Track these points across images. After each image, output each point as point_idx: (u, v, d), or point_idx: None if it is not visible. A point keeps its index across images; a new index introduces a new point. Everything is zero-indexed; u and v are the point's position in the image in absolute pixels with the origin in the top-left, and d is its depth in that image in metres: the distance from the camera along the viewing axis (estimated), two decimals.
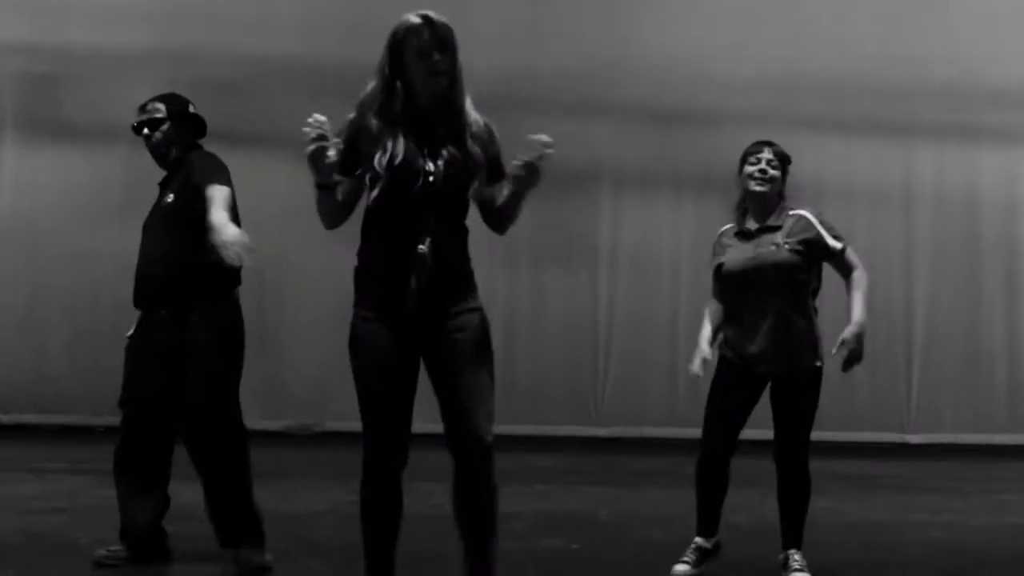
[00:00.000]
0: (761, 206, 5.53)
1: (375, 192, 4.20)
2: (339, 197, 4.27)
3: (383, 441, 4.28)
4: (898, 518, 7.49)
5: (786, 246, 5.41)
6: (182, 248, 5.18)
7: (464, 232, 4.31)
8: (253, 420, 5.75)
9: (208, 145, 5.51)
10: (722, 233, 5.62)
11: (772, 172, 5.52)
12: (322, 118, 4.19)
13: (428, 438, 4.46)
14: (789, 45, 11.36)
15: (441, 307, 4.19)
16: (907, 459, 10.61)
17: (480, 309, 4.28)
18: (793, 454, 5.46)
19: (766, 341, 5.37)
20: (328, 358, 10.69)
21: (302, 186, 5.17)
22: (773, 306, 5.38)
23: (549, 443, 10.29)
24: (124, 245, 5.29)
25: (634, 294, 11.18)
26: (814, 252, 5.50)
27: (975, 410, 11.51)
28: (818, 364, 5.52)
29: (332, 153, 4.14)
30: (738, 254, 5.45)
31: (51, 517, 6.74)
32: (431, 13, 4.36)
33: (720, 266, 5.50)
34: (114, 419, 5.25)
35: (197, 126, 5.52)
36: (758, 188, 5.49)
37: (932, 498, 8.36)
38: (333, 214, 4.32)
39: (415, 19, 4.36)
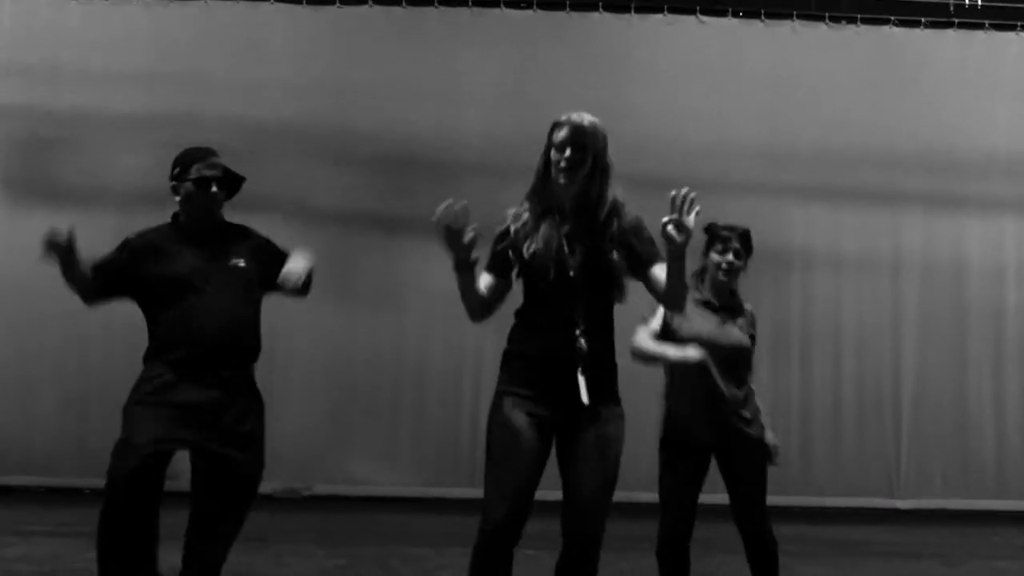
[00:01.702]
0: (722, 289, 5.67)
1: (515, 274, 4.44)
2: (479, 283, 4.42)
3: (502, 523, 4.32)
4: None
5: (749, 332, 5.66)
6: (254, 315, 5.21)
7: (609, 328, 4.45)
8: None
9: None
10: None
11: (738, 263, 5.65)
12: (455, 207, 4.21)
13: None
14: (776, 114, 11.49)
15: (593, 399, 4.32)
16: (896, 524, 10.59)
17: (623, 416, 4.47)
18: (753, 524, 5.62)
19: (713, 410, 5.50)
20: (317, 422, 10.78)
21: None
22: (728, 382, 5.52)
23: (539, 507, 10.26)
24: (113, 308, 5.25)
25: (624, 360, 11.17)
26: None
27: (964, 476, 11.51)
28: (762, 436, 5.68)
29: (468, 233, 4.21)
30: (705, 324, 5.57)
31: None
32: (581, 114, 4.54)
33: (679, 328, 5.58)
34: (101, 482, 5.13)
35: (234, 189, 5.45)
36: (724, 279, 5.65)
37: (922, 564, 8.35)
38: (472, 300, 4.44)
39: (563, 116, 4.52)
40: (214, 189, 5.19)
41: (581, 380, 4.28)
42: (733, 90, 11.50)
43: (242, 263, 5.18)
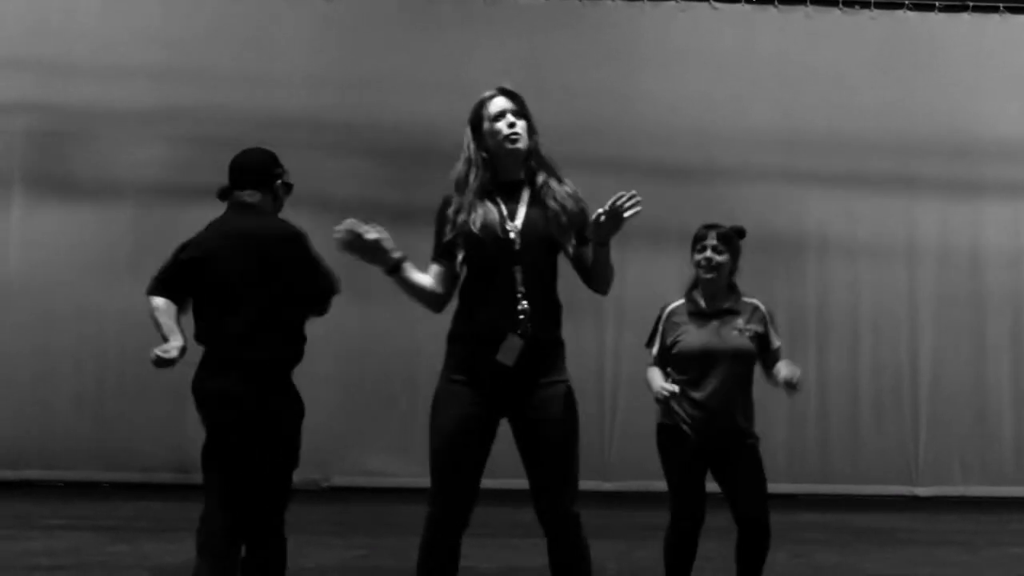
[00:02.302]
0: (712, 290, 5.63)
1: (461, 258, 4.38)
2: (413, 276, 4.42)
3: (448, 506, 4.34)
4: (909, 572, 7.46)
5: (747, 332, 5.56)
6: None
7: (554, 298, 4.43)
8: None
9: (212, 203, 5.46)
10: (673, 311, 5.71)
11: (718, 259, 5.59)
12: (346, 227, 4.26)
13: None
14: (792, 100, 11.45)
15: (530, 375, 4.31)
16: (916, 512, 10.56)
17: (566, 381, 4.41)
18: (757, 513, 5.54)
19: (715, 417, 5.49)
20: (335, 413, 10.78)
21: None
22: (724, 385, 5.49)
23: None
24: (130, 302, 5.25)
25: (640, 348, 11.13)
26: (761, 344, 5.62)
27: (983, 462, 11.48)
28: (754, 441, 5.61)
29: (374, 236, 4.25)
30: (696, 335, 5.55)
31: (57, 574, 6.72)
32: (507, 85, 4.53)
33: (675, 344, 5.60)
34: (119, 476, 5.15)
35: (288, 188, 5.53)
36: (706, 276, 5.61)
37: (943, 551, 8.33)
38: (420, 296, 4.48)
39: (489, 91, 4.51)
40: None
41: (512, 339, 4.25)
42: (747, 76, 11.47)
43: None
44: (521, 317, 4.27)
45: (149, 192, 10.84)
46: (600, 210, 4.27)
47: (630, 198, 4.29)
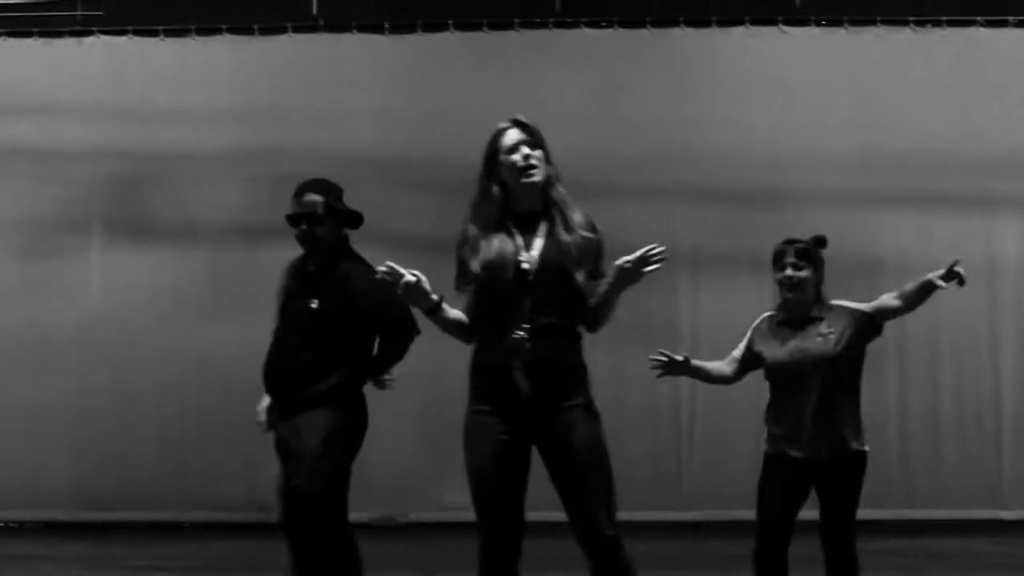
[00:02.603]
0: (797, 305, 5.59)
1: (473, 287, 4.44)
2: (450, 315, 4.45)
3: (496, 537, 4.38)
4: None
5: (832, 335, 5.49)
6: (321, 353, 5.29)
7: (573, 325, 4.43)
8: None
9: (287, 243, 5.51)
10: (762, 320, 5.70)
11: (799, 275, 5.55)
12: (387, 268, 4.33)
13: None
14: (865, 121, 11.37)
15: (550, 400, 4.32)
16: (1001, 536, 10.40)
17: (587, 404, 4.40)
18: (837, 539, 5.44)
19: (812, 429, 5.41)
20: (413, 448, 10.82)
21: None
22: (817, 395, 5.42)
23: (634, 528, 10.15)
24: (208, 344, 5.33)
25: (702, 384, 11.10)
26: (860, 329, 5.59)
27: None
28: (863, 449, 5.52)
29: (413, 280, 4.30)
30: (780, 347, 5.53)
31: None
32: (520, 116, 4.54)
33: (759, 355, 5.58)
34: (200, 516, 5.25)
35: (350, 220, 5.51)
36: (789, 295, 5.58)
37: None
38: (455, 331, 4.51)
39: (504, 123, 4.53)
40: (303, 227, 5.24)
41: (519, 376, 4.27)
42: (818, 99, 11.40)
43: (315, 304, 5.22)
44: (517, 341, 4.28)
45: (225, 233, 10.97)
46: (626, 259, 4.29)
47: (658, 252, 4.30)
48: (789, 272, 5.54)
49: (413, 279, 4.29)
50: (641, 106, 11.27)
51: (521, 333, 4.28)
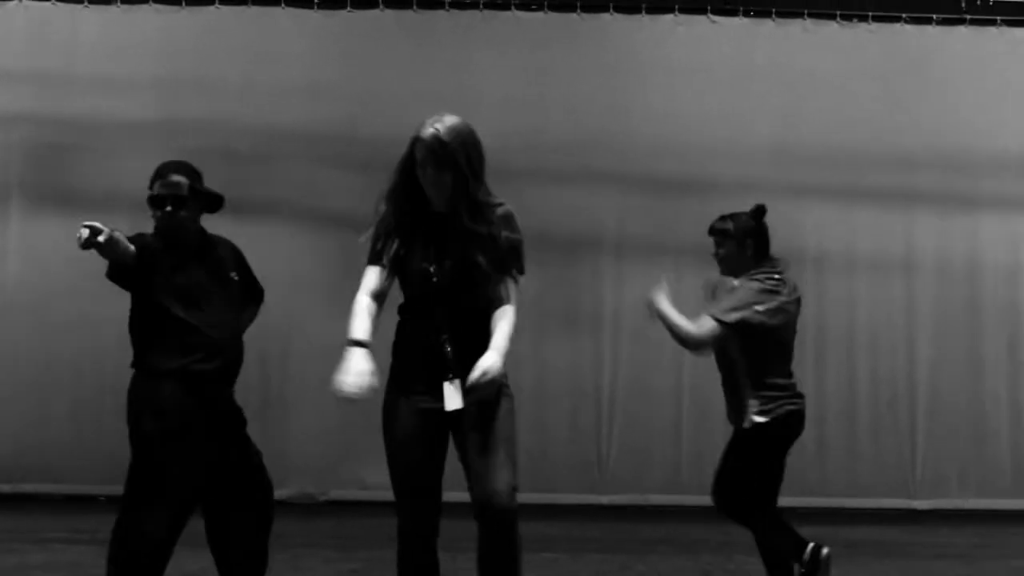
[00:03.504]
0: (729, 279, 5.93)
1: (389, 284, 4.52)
2: (371, 309, 4.51)
3: (414, 519, 4.42)
4: None
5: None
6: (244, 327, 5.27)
7: (483, 332, 4.40)
8: None
9: (214, 215, 5.45)
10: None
11: (721, 252, 5.98)
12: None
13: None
14: (789, 113, 11.48)
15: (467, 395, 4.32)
16: (913, 525, 10.55)
17: (510, 396, 4.44)
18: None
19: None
20: (332, 427, 10.77)
21: (306, 255, 5.23)
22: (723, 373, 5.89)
23: (554, 511, 10.24)
24: (127, 313, 5.24)
25: (637, 361, 11.17)
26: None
27: (980, 475, 11.47)
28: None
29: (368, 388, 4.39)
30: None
31: None
32: (440, 130, 4.45)
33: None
34: (117, 489, 5.16)
35: (211, 201, 5.36)
36: (721, 270, 6.01)
37: (941, 564, 8.33)
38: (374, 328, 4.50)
39: (425, 131, 4.47)
40: (168, 208, 5.11)
41: (448, 387, 4.33)
42: (745, 90, 11.48)
43: (235, 275, 5.18)
44: (447, 360, 4.34)
45: (145, 203, 10.81)
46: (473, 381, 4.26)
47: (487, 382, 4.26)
48: (714, 251, 6.12)
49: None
50: (569, 91, 11.29)
51: (448, 350, 4.33)
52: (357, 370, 4.34)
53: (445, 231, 4.43)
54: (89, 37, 11.31)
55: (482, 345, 4.35)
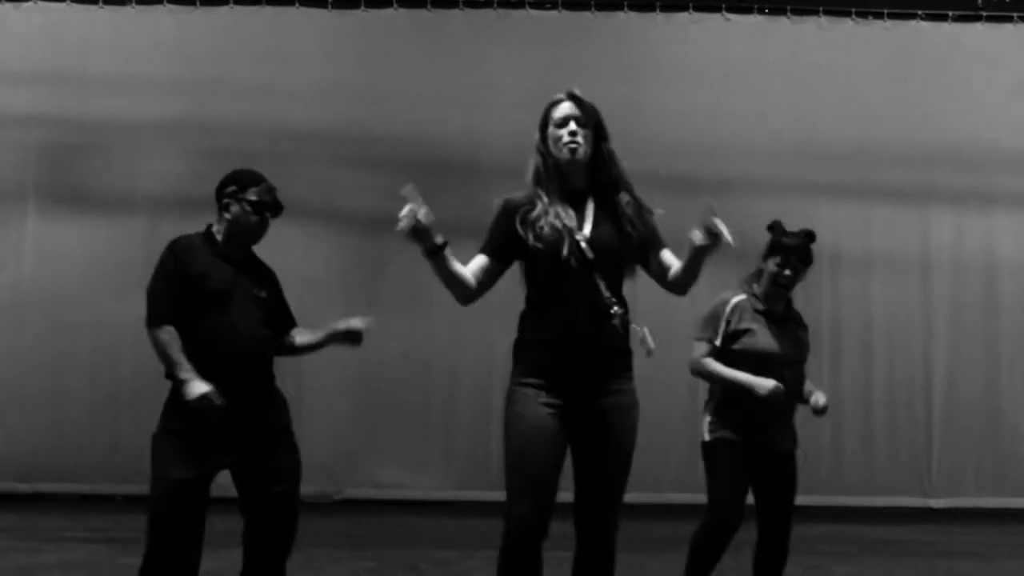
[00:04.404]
0: (779, 299, 5.65)
1: (526, 261, 4.37)
2: (453, 264, 4.33)
3: (531, 514, 4.28)
4: None
5: (807, 340, 5.71)
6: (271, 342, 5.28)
7: (624, 307, 4.39)
8: None
9: None
10: (738, 304, 5.63)
11: (798, 279, 5.65)
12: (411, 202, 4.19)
13: None
14: (804, 111, 11.45)
15: (600, 380, 4.32)
16: (929, 523, 10.54)
17: (634, 391, 4.43)
18: (783, 522, 5.55)
19: (772, 426, 5.49)
20: (347, 425, 10.80)
21: (321, 254, 5.24)
22: (787, 391, 5.46)
23: (567, 510, 10.25)
24: (143, 315, 5.24)
25: (651, 362, 11.09)
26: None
27: (996, 474, 11.45)
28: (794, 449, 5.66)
29: (421, 211, 4.17)
30: (768, 336, 5.53)
31: None
32: (576, 90, 4.54)
33: (743, 334, 5.53)
34: (133, 488, 5.18)
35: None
36: (784, 291, 5.64)
37: (957, 563, 8.30)
38: (455, 284, 4.37)
39: (559, 95, 4.53)
40: (267, 215, 5.19)
41: (642, 330, 4.35)
42: (760, 88, 11.47)
43: (264, 294, 5.19)
44: (616, 322, 4.29)
45: (162, 204, 10.84)
46: (700, 232, 4.26)
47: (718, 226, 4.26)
48: (789, 273, 5.58)
49: (424, 217, 4.16)
50: (583, 89, 11.11)
51: (616, 309, 4.27)
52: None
53: (584, 205, 4.40)
54: (103, 38, 11.33)
55: (619, 332, 4.36)
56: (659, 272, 4.48)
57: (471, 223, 4.86)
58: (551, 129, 4.47)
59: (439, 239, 4.24)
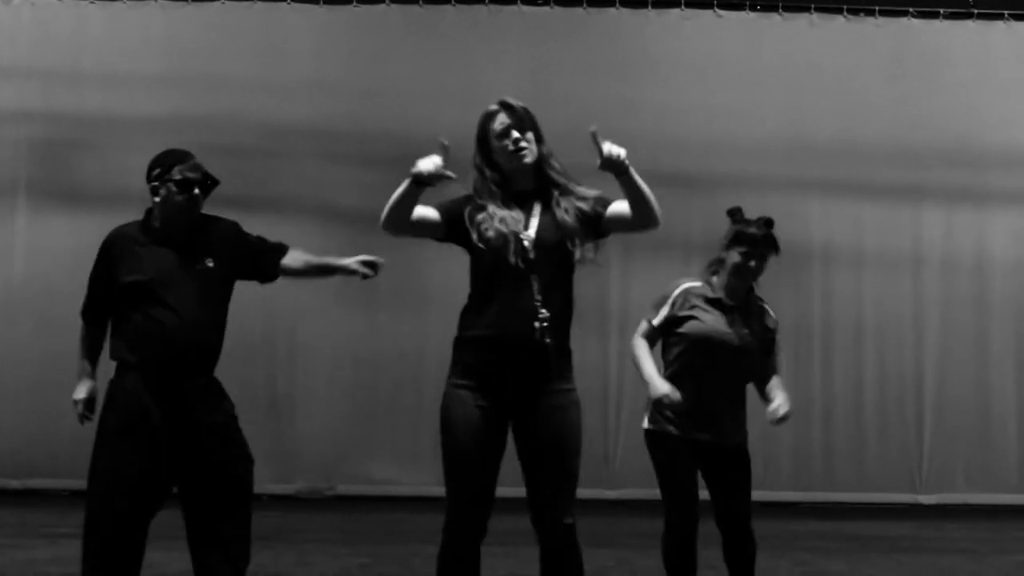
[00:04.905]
0: (741, 289, 5.49)
1: (476, 259, 4.41)
2: (415, 208, 4.39)
3: (465, 514, 4.35)
4: None
5: (757, 335, 5.46)
6: (222, 316, 5.15)
7: (567, 308, 4.43)
8: (264, 484, 5.69)
9: (220, 209, 5.44)
10: (689, 289, 5.53)
11: (760, 269, 5.47)
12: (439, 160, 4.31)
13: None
14: (796, 108, 11.48)
15: (539, 381, 4.33)
16: (919, 520, 10.55)
17: (574, 391, 4.43)
18: (743, 519, 5.45)
19: (711, 412, 5.36)
20: (340, 422, 10.80)
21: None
22: (727, 380, 5.39)
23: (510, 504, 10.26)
24: None
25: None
26: (767, 348, 5.54)
27: (987, 471, 11.48)
28: (746, 447, 5.52)
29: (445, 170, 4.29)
30: (713, 320, 5.41)
31: None
32: (509, 98, 4.53)
33: (687, 319, 5.45)
34: None
35: (209, 192, 5.26)
36: (742, 283, 5.47)
37: (947, 559, 8.32)
38: (400, 211, 4.39)
39: (493, 106, 4.52)
40: (196, 192, 5.13)
41: (537, 331, 4.28)
42: (751, 84, 11.48)
43: (210, 263, 5.10)
44: (538, 325, 4.28)
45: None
46: (599, 160, 4.35)
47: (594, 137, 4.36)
48: (753, 264, 5.42)
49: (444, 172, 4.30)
50: (574, 85, 11.27)
51: (544, 312, 4.28)
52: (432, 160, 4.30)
53: (531, 205, 4.44)
54: (95, 34, 11.33)
55: (565, 324, 4.40)
56: (622, 222, 4.49)
57: None
58: (494, 142, 4.48)
59: (436, 181, 4.32)
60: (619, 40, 11.61)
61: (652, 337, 5.55)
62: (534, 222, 4.41)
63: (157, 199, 5.15)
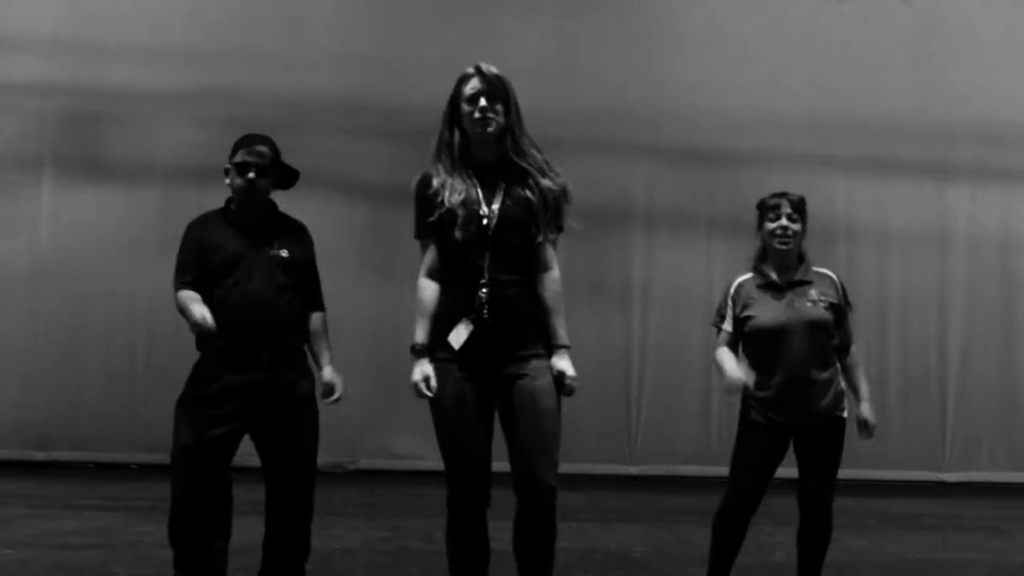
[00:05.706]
0: (785, 261, 5.45)
1: (434, 237, 4.46)
2: (432, 281, 4.52)
3: (465, 487, 4.39)
4: (939, 557, 7.45)
5: (821, 303, 5.40)
6: (294, 299, 5.24)
7: (530, 277, 4.43)
8: None
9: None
10: (741, 284, 5.52)
11: (793, 227, 5.40)
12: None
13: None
14: (824, 85, 11.39)
15: (507, 351, 4.35)
16: (943, 497, 10.54)
17: (543, 356, 4.42)
18: (819, 502, 5.44)
19: (795, 394, 5.34)
20: (363, 396, 10.78)
21: (335, 223, 5.24)
22: (803, 360, 5.34)
23: (583, 481, 10.26)
24: (158, 284, 5.26)
25: (667, 333, 11.15)
26: (837, 315, 5.49)
27: (1011, 448, 11.45)
28: (842, 415, 5.53)
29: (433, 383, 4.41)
30: (771, 309, 5.39)
31: (88, 552, 6.77)
32: (484, 64, 4.50)
33: (748, 319, 5.44)
34: (148, 457, 5.20)
35: (288, 176, 5.42)
36: (781, 247, 5.41)
37: (972, 537, 8.31)
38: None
39: (469, 69, 4.49)
40: (251, 175, 5.15)
41: (462, 327, 4.33)
42: (776, 59, 11.41)
43: (285, 253, 5.18)
44: (479, 302, 4.31)
45: (179, 173, 10.83)
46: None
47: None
48: (784, 223, 5.37)
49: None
50: (599, 60, 11.23)
51: (482, 294, 4.30)
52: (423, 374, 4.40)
53: (493, 177, 4.42)
54: (122, 7, 11.30)
55: (528, 294, 4.40)
56: (538, 257, 4.49)
57: None
58: (463, 106, 4.47)
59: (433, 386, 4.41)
60: (643, 13, 11.55)
61: (732, 342, 5.53)
62: (497, 196, 4.40)
63: (228, 183, 5.26)
